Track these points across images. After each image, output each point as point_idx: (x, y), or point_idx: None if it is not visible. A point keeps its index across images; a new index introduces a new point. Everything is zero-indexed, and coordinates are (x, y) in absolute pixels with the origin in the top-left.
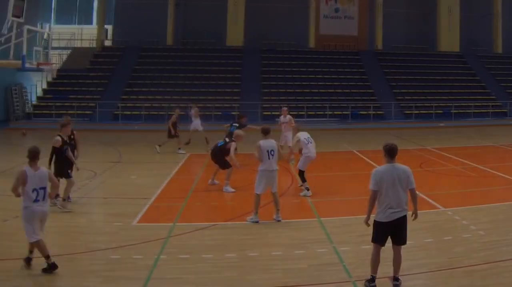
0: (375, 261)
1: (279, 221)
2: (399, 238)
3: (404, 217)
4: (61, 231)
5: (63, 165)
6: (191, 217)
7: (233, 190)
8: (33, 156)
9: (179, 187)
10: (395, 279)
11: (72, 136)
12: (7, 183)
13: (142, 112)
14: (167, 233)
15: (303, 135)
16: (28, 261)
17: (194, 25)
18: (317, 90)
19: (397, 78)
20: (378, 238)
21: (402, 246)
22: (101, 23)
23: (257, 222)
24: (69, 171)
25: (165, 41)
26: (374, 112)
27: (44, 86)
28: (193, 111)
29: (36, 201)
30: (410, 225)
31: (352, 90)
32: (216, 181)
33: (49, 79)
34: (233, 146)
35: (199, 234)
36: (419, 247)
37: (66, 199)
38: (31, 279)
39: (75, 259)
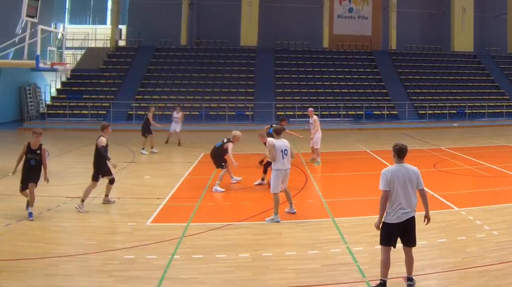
0: (386, 265)
1: (294, 213)
2: (409, 239)
3: (414, 218)
4: (75, 231)
5: (103, 165)
6: (204, 217)
7: (222, 190)
8: None
9: (193, 187)
10: (409, 279)
11: (38, 151)
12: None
13: (156, 112)
14: (181, 233)
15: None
16: None
17: (207, 25)
18: (331, 90)
19: (411, 78)
20: (388, 240)
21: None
22: (115, 23)
23: (278, 221)
24: (100, 175)
25: (179, 41)
26: (388, 112)
27: (58, 86)
28: (180, 115)
29: None
30: (423, 225)
31: (366, 90)
32: (237, 178)
33: (63, 79)
34: (230, 146)
35: (213, 234)
36: (432, 247)
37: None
38: (45, 279)
39: (89, 259)
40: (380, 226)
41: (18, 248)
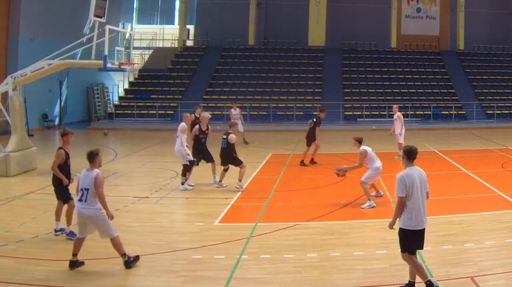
0: (419, 267)
1: (373, 207)
2: (421, 245)
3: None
4: (143, 231)
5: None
6: (272, 217)
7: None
8: (89, 158)
9: (261, 186)
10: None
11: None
12: None
13: (223, 112)
14: (248, 233)
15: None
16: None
17: (275, 25)
18: (398, 90)
19: (479, 78)
20: (412, 247)
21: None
22: (182, 23)
23: (373, 206)
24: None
25: (246, 41)
26: (455, 112)
27: (126, 86)
28: (238, 111)
29: (79, 200)
30: (491, 225)
31: (433, 90)
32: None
33: (131, 79)
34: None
35: (281, 234)
36: (500, 247)
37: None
38: (114, 279)
39: (157, 259)
40: (401, 234)
41: (87, 248)
